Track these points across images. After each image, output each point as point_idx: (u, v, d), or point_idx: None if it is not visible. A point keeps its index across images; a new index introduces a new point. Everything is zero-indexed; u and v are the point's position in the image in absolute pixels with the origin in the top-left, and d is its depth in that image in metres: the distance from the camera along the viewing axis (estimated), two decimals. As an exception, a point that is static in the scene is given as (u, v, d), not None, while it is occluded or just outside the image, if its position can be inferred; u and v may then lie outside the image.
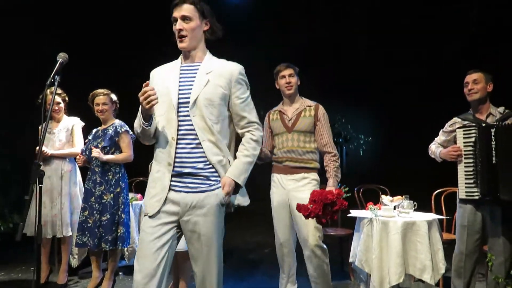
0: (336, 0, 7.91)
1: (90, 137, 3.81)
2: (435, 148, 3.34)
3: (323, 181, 3.28)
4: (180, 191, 2.02)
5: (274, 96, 3.48)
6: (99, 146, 3.64)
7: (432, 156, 3.39)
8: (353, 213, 3.48)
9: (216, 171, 2.04)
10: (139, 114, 2.03)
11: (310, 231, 3.11)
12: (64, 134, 4.01)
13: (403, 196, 3.38)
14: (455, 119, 3.26)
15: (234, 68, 2.14)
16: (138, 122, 2.06)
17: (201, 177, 2.02)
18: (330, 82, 8.35)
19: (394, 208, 3.35)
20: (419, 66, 7.74)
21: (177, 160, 2.02)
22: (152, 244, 1.96)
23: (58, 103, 4.00)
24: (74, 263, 4.11)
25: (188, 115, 2.02)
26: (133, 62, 5.98)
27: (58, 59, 1.95)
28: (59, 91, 3.99)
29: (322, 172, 3.30)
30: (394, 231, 3.08)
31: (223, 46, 2.18)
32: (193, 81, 2.07)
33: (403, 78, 7.98)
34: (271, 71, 3.43)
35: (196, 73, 2.10)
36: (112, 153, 3.65)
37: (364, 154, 9.96)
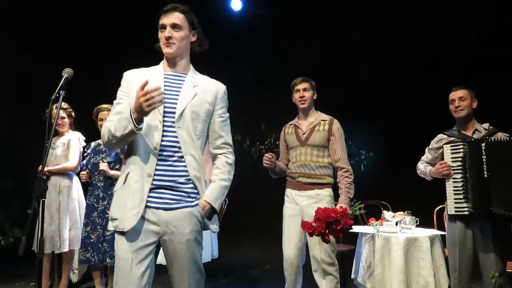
0: (337, 26, 8.00)
1: (89, 151, 3.81)
2: (423, 168, 3.32)
3: (338, 196, 3.25)
4: (158, 208, 1.89)
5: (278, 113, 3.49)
6: (104, 161, 3.64)
7: (422, 176, 3.36)
8: (355, 228, 3.47)
9: (196, 188, 1.96)
10: (127, 116, 1.80)
11: (323, 247, 3.08)
12: (61, 149, 4.00)
13: (405, 212, 3.38)
14: (441, 135, 3.26)
15: (220, 86, 2.12)
16: (121, 124, 1.82)
17: (181, 193, 1.93)
18: (331, 98, 8.39)
19: (396, 224, 3.34)
20: (420, 82, 7.79)
21: (157, 172, 1.90)
22: (135, 270, 1.82)
23: (63, 118, 4.01)
24: (75, 278, 4.09)
25: (173, 126, 1.93)
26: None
27: (63, 74, 1.97)
28: (65, 106, 4.01)
29: (336, 187, 3.25)
30: (396, 247, 3.07)
31: (224, 64, 2.13)
32: (178, 91, 2.00)
33: (404, 94, 8.02)
34: (272, 91, 3.43)
35: (181, 83, 2.03)
36: (117, 169, 3.65)
37: (366, 169, 9.95)
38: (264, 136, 9.78)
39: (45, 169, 3.81)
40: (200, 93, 2.03)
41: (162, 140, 1.92)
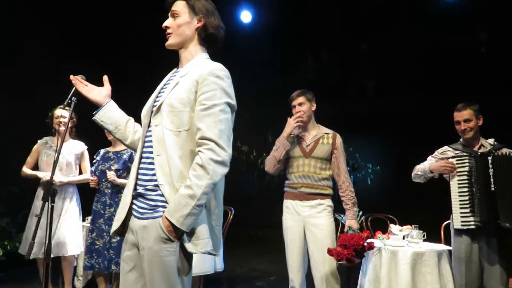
0: (345, 38, 8.04)
1: (98, 158, 3.83)
2: (423, 165, 3.30)
3: (337, 208, 3.26)
4: (135, 216, 1.73)
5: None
6: (112, 168, 3.66)
7: (418, 176, 3.34)
8: (362, 241, 3.44)
9: (163, 195, 1.66)
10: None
11: (327, 258, 3.06)
12: (73, 158, 4.03)
13: (412, 226, 3.35)
14: (446, 147, 3.29)
15: (204, 68, 1.73)
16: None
17: (149, 202, 1.69)
18: (338, 111, 8.41)
19: (403, 238, 3.32)
20: (428, 95, 7.78)
21: (139, 177, 1.75)
22: (129, 276, 1.74)
23: (65, 117, 3.87)
24: (79, 285, 4.08)
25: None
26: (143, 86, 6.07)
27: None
28: (67, 109, 4.03)
29: (336, 199, 3.29)
30: (403, 261, 3.05)
31: (232, 74, 1.97)
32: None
33: (412, 108, 8.02)
34: (279, 102, 3.43)
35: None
36: (125, 177, 3.66)
37: (372, 183, 9.91)
38: (271, 147, 9.80)
39: (64, 180, 3.85)
40: (182, 81, 1.75)
41: (144, 142, 1.79)
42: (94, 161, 3.86)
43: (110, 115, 1.94)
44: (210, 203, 1.73)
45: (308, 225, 3.17)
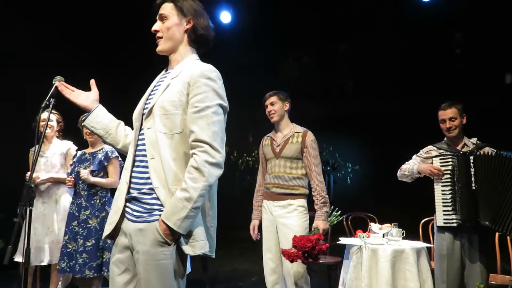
0: (325, 39, 8.12)
1: (74, 160, 3.77)
2: (409, 166, 3.33)
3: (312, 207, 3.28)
4: (128, 219, 1.71)
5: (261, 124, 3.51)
6: (88, 169, 3.60)
7: (404, 176, 3.37)
8: (342, 240, 3.48)
9: (159, 198, 1.65)
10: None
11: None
12: (58, 158, 3.96)
13: (392, 224, 3.40)
14: (430, 147, 3.34)
15: (196, 69, 1.72)
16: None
17: (144, 205, 1.67)
18: (318, 111, 8.48)
19: (383, 236, 3.37)
20: (406, 94, 7.91)
21: (132, 180, 1.73)
22: (119, 279, 1.71)
23: (51, 121, 3.91)
24: (60, 290, 4.00)
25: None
26: (128, 82, 6.01)
27: (53, 82, 1.96)
28: (54, 112, 3.97)
29: (311, 199, 3.30)
30: (383, 259, 3.09)
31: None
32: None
33: (390, 107, 8.14)
34: (260, 102, 3.45)
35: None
36: (101, 177, 3.61)
37: (352, 182, 10.01)
38: (252, 148, 9.80)
39: (42, 178, 3.78)
40: (173, 83, 1.74)
41: (137, 145, 1.76)
42: (71, 162, 3.80)
43: (100, 119, 1.92)
44: (205, 205, 1.72)
45: (279, 225, 3.20)
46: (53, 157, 3.97)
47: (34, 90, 5.35)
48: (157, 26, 1.83)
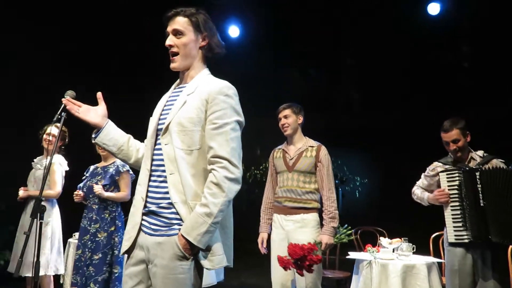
0: (332, 53, 8.16)
1: (87, 174, 3.80)
2: (420, 193, 3.32)
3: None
4: (146, 232, 1.72)
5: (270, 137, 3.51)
6: (99, 183, 3.62)
7: (418, 201, 3.37)
8: (352, 255, 3.45)
9: (178, 213, 1.66)
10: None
11: (309, 274, 3.05)
12: (41, 172, 3.94)
13: (402, 239, 3.37)
14: (436, 163, 3.28)
15: (213, 86, 1.74)
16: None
17: (163, 219, 1.68)
18: (326, 125, 8.48)
19: (393, 250, 3.33)
20: (415, 109, 7.89)
21: (148, 194, 1.74)
22: None
23: (54, 136, 3.85)
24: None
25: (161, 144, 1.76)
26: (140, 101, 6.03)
27: (65, 96, 1.96)
28: (63, 128, 3.97)
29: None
30: (393, 274, 3.05)
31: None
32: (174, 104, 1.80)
33: (399, 121, 8.12)
34: (268, 115, 3.45)
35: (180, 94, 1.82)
36: (112, 191, 3.63)
37: (361, 196, 9.95)
38: (259, 161, 9.80)
39: (25, 193, 3.85)
40: (190, 100, 1.74)
41: (153, 160, 1.77)
42: (84, 177, 3.82)
43: (111, 136, 1.91)
44: (223, 218, 1.74)
45: (291, 240, 3.12)
46: (39, 170, 3.99)
47: (34, 90, 5.47)
48: (172, 41, 1.81)
